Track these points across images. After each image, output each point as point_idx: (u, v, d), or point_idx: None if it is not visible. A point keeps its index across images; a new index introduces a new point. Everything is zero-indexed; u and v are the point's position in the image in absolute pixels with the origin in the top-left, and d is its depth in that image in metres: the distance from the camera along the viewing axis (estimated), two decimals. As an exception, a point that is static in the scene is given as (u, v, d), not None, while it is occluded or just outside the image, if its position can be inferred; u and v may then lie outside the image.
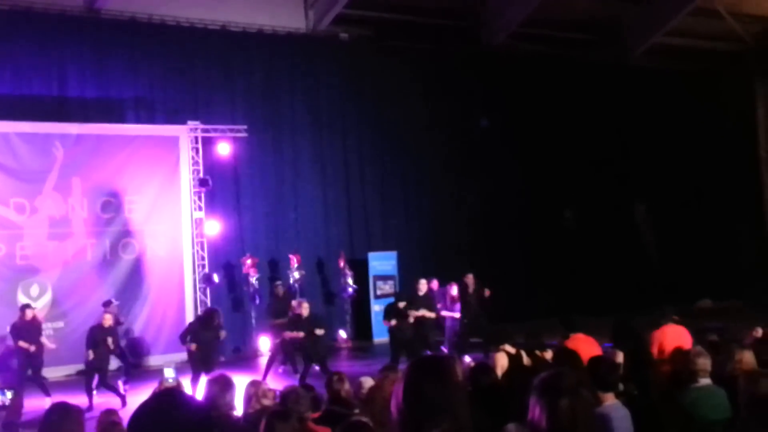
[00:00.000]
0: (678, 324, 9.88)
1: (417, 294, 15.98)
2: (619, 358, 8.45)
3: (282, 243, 19.88)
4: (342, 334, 19.99)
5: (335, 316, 20.16)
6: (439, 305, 16.25)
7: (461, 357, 14.56)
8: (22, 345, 13.71)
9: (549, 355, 8.60)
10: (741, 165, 25.81)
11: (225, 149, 18.89)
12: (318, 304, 18.59)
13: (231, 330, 18.42)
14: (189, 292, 17.98)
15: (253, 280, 18.60)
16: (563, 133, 23.58)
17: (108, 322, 13.96)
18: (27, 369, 13.89)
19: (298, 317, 14.78)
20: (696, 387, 6.55)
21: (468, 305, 16.53)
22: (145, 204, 17.88)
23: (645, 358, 9.00)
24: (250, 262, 18.63)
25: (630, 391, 7.38)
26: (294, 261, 18.84)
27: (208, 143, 18.77)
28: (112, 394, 13.48)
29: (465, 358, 14.56)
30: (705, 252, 24.66)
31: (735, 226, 25.83)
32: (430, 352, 14.72)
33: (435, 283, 16.83)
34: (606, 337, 9.62)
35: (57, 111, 17.50)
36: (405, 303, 15.26)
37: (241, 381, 7.12)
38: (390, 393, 3.23)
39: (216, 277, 18.34)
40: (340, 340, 19.79)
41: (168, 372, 8.49)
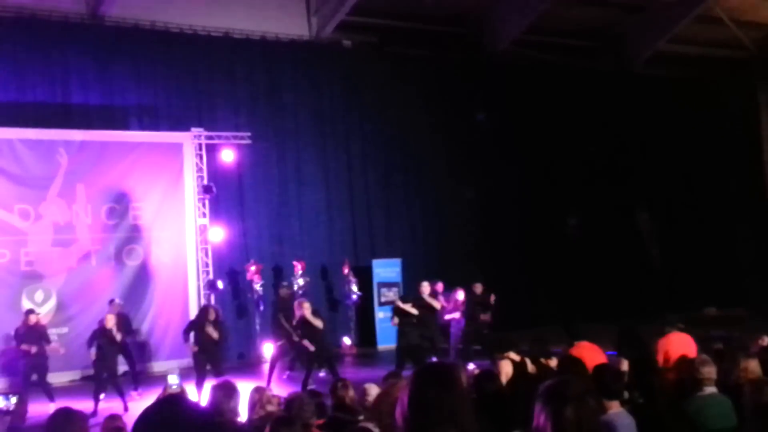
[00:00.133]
0: (683, 332, 9.86)
1: (420, 296, 15.91)
2: (624, 366, 8.44)
3: (286, 249, 19.87)
4: (346, 340, 19.97)
5: (339, 322, 20.14)
6: (444, 308, 16.28)
7: (466, 364, 14.54)
8: (23, 348, 13.78)
9: (554, 363, 8.57)
10: (744, 172, 25.78)
11: (229, 156, 18.92)
12: (322, 310, 18.52)
13: (235, 336, 18.48)
14: (193, 298, 17.99)
15: (257, 286, 18.60)
16: (566, 141, 23.57)
17: (109, 323, 13.84)
18: (31, 374, 13.93)
19: (304, 320, 14.65)
20: (701, 395, 6.53)
21: (474, 313, 16.55)
22: (150, 210, 17.90)
23: (650, 366, 8.98)
24: (254, 268, 18.62)
25: (635, 399, 7.37)
26: (298, 267, 18.82)
27: (211, 150, 18.80)
28: (117, 398, 13.47)
29: (469, 365, 14.54)
30: (709, 260, 24.61)
31: (739, 233, 25.79)
32: (435, 358, 14.68)
33: (440, 286, 16.83)
34: (610, 345, 9.60)
35: (61, 118, 17.52)
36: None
37: (246, 387, 7.10)
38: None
39: (220, 284, 18.34)
40: (344, 346, 19.77)
41: (172, 378, 8.44)
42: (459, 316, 16.46)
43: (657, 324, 10.08)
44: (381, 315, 19.99)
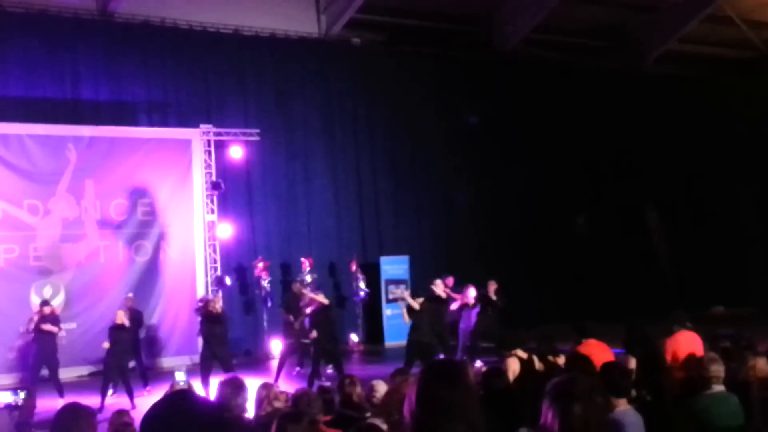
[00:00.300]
0: (691, 330, 9.83)
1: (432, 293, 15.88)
2: (632, 363, 8.42)
3: (294, 246, 19.91)
4: (353, 337, 20.00)
5: (347, 319, 20.15)
6: (453, 305, 16.29)
7: (473, 361, 14.52)
8: (46, 328, 13.73)
9: (561, 361, 8.57)
10: (753, 171, 25.70)
11: (237, 153, 18.96)
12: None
13: (243, 333, 18.53)
14: (201, 294, 18.00)
15: (265, 283, 18.63)
16: (575, 139, 23.54)
17: (119, 318, 13.88)
18: (41, 368, 13.97)
19: (318, 309, 14.58)
20: (709, 394, 6.51)
21: (485, 311, 16.54)
22: (158, 207, 17.94)
23: (658, 364, 8.96)
24: (262, 265, 18.66)
25: (643, 397, 7.35)
26: (306, 264, 18.82)
27: (220, 147, 18.83)
28: (125, 394, 13.50)
29: (477, 362, 14.51)
30: (717, 258, 24.55)
31: (747, 232, 25.72)
32: (444, 355, 14.64)
33: (450, 280, 16.85)
34: (618, 343, 9.58)
35: (70, 113, 17.59)
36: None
37: (253, 383, 7.11)
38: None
39: (228, 280, 18.37)
40: (351, 343, 19.79)
41: (179, 375, 8.48)
42: (457, 305, 16.41)
43: (665, 322, 10.04)
44: (388, 312, 20.00)
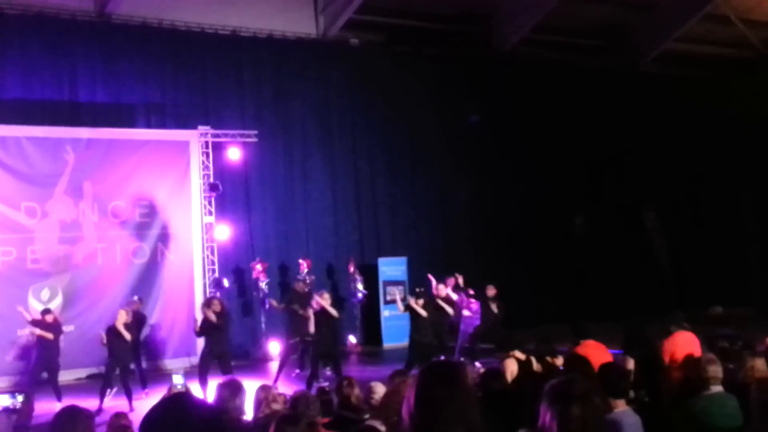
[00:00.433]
0: (688, 331, 9.83)
1: (434, 297, 15.87)
2: (630, 364, 8.43)
3: (292, 248, 19.89)
4: (351, 339, 19.97)
5: (345, 321, 20.07)
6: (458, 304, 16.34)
7: (472, 362, 14.53)
8: (38, 333, 13.76)
9: (560, 362, 8.57)
10: (752, 171, 25.70)
11: (235, 154, 18.94)
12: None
13: (241, 335, 18.50)
14: (199, 296, 17.96)
15: (263, 284, 18.62)
16: (573, 139, 23.54)
17: (119, 320, 13.78)
18: (41, 372, 13.94)
19: (322, 310, 14.43)
20: (707, 394, 6.51)
21: (485, 313, 16.57)
22: (156, 208, 17.92)
23: (656, 364, 8.97)
24: (260, 266, 18.64)
25: (641, 398, 7.36)
26: (304, 266, 18.81)
27: (218, 148, 18.82)
28: (124, 397, 13.48)
29: (475, 363, 14.52)
30: (715, 259, 24.55)
31: (746, 232, 25.72)
32: (443, 357, 14.65)
33: (451, 281, 16.89)
34: (616, 344, 9.59)
35: (68, 115, 17.56)
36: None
37: (251, 385, 7.11)
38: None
39: (226, 282, 18.37)
40: (349, 345, 19.77)
41: (177, 378, 8.46)
42: (454, 299, 16.41)
43: (663, 323, 10.04)
44: (386, 313, 20.00)
